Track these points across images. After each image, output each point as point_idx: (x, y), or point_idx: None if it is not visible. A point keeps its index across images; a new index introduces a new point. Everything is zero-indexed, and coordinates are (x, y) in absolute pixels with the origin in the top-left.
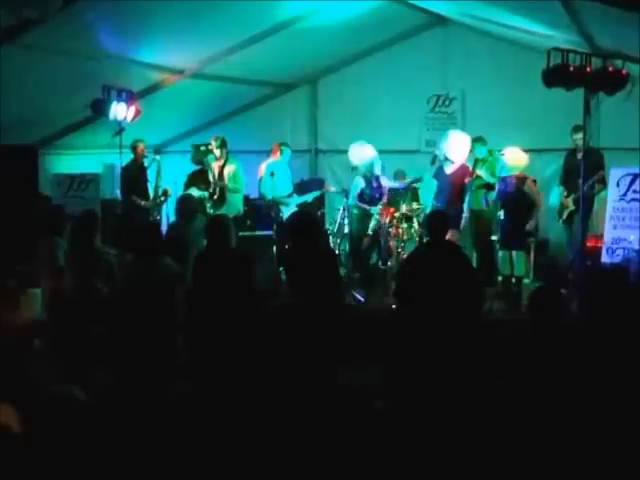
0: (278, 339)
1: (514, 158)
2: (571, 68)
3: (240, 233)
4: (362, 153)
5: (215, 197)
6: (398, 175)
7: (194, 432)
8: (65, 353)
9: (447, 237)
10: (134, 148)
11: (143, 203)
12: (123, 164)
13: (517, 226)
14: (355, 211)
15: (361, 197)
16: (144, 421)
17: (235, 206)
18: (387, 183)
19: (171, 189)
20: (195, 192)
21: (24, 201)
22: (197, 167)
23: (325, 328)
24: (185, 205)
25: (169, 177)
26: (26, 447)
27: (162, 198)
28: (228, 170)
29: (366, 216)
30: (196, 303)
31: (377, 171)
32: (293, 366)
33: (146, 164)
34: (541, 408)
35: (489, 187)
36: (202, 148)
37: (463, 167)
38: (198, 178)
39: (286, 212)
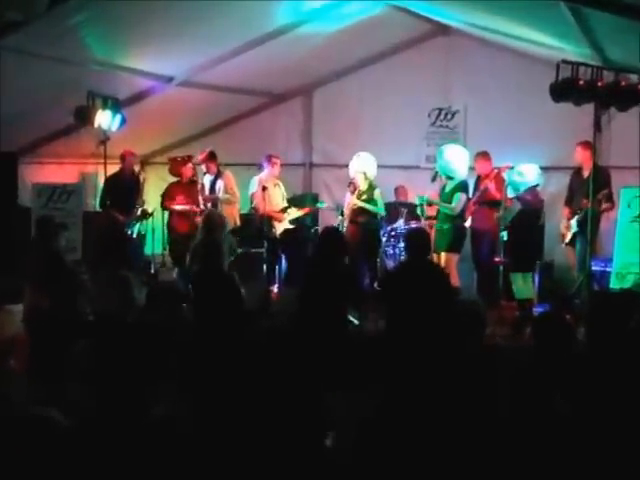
0: (266, 364)
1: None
2: (581, 82)
3: None
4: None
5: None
6: (399, 191)
7: (176, 457)
8: (44, 372)
9: (445, 260)
10: (123, 158)
11: (121, 218)
12: (107, 175)
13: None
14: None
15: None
16: (125, 446)
17: (230, 220)
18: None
19: (152, 207)
20: (179, 207)
21: (3, 212)
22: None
23: (322, 352)
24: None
25: (155, 190)
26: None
27: (139, 214)
28: (220, 182)
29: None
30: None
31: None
32: (279, 393)
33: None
34: (545, 441)
35: (495, 204)
36: (179, 159)
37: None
38: (181, 191)
39: (279, 228)
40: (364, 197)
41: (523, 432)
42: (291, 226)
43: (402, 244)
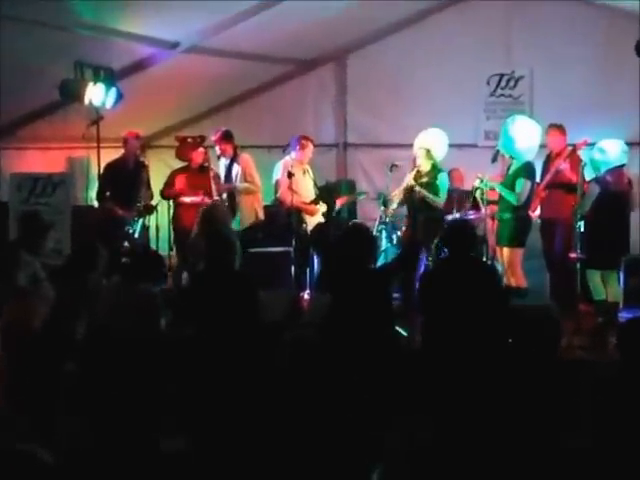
0: (292, 384)
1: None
2: None
3: (250, 249)
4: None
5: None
6: (453, 176)
7: None
8: (26, 401)
9: (507, 256)
10: (125, 142)
11: (121, 213)
12: (103, 161)
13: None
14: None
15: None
16: None
17: (251, 213)
18: None
19: (155, 200)
20: (187, 199)
21: None
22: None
23: (363, 370)
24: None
25: (159, 179)
26: None
27: (142, 209)
28: (237, 167)
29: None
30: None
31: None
32: (313, 420)
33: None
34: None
35: (570, 188)
36: (189, 140)
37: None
38: (188, 179)
39: (310, 223)
40: (424, 179)
41: (611, 463)
42: (324, 220)
43: None
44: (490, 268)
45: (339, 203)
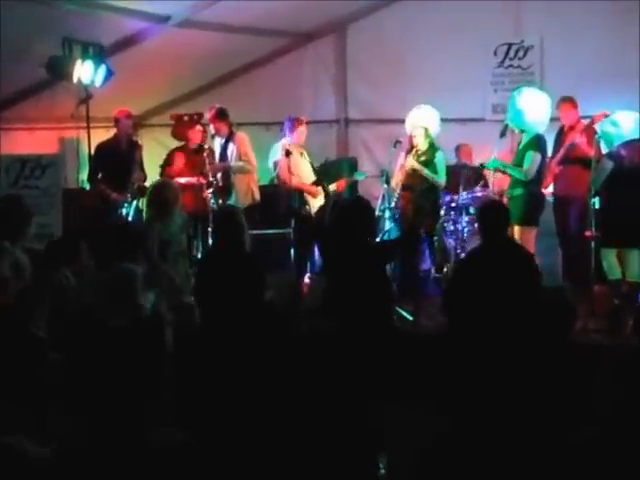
0: (306, 375)
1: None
2: None
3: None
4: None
5: (217, 184)
6: (461, 151)
7: None
8: (11, 392)
9: (519, 236)
10: (117, 121)
11: (114, 195)
12: (93, 142)
13: None
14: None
15: None
16: None
17: (247, 193)
18: None
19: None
20: (183, 180)
21: None
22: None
23: (370, 358)
24: (160, 195)
25: (153, 159)
26: None
27: (136, 190)
28: (232, 146)
29: None
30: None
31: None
32: (320, 413)
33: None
34: None
35: (586, 163)
36: (185, 118)
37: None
38: (186, 159)
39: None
40: (422, 158)
41: (622, 451)
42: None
43: (465, 218)
44: (526, 253)
45: (339, 187)
